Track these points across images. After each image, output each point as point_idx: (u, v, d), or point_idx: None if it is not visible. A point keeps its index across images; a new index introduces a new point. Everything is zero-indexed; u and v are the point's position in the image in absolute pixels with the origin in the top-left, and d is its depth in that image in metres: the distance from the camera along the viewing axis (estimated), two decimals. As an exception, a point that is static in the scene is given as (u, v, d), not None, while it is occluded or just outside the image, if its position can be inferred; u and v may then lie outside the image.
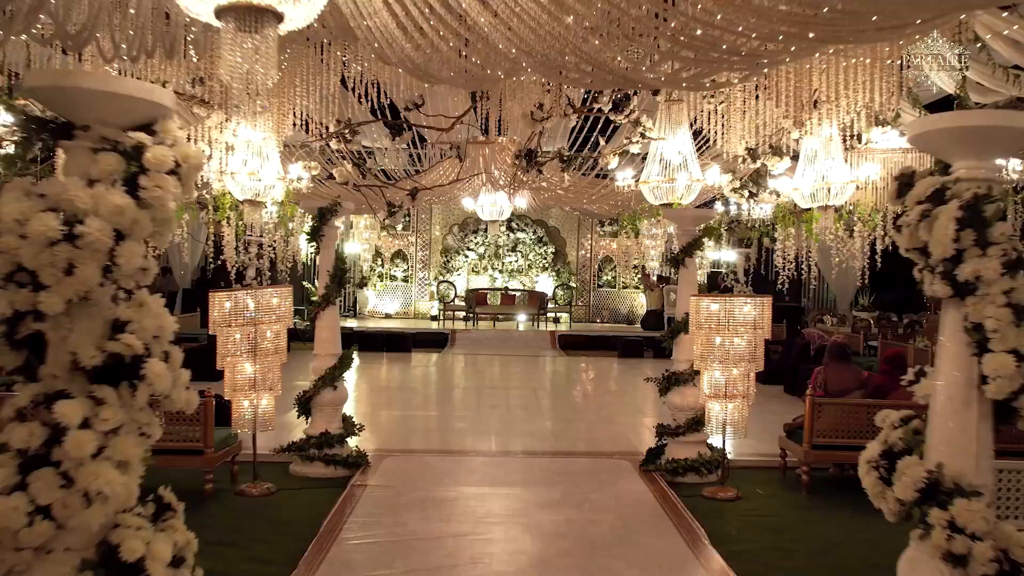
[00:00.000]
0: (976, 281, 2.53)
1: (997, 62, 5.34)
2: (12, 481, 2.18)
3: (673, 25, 3.49)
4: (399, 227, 18.81)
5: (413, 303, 19.12)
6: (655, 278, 16.83)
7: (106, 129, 2.32)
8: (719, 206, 9.97)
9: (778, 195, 7.63)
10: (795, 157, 6.58)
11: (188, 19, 3.83)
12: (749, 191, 7.91)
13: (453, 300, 18.30)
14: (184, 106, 6.42)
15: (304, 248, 14.01)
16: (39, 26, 3.86)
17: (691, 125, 7.10)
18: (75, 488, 2.20)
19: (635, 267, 17.38)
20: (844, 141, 6.30)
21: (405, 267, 19.30)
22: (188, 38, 4.31)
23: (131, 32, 3.81)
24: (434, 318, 18.31)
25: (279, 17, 2.51)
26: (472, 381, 12.01)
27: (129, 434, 2.33)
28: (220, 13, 2.47)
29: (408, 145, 10.96)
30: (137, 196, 2.29)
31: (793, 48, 3.78)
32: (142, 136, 2.34)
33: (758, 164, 7.19)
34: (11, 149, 7.44)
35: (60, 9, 3.42)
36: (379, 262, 18.91)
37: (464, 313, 17.81)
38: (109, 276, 2.27)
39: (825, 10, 3.10)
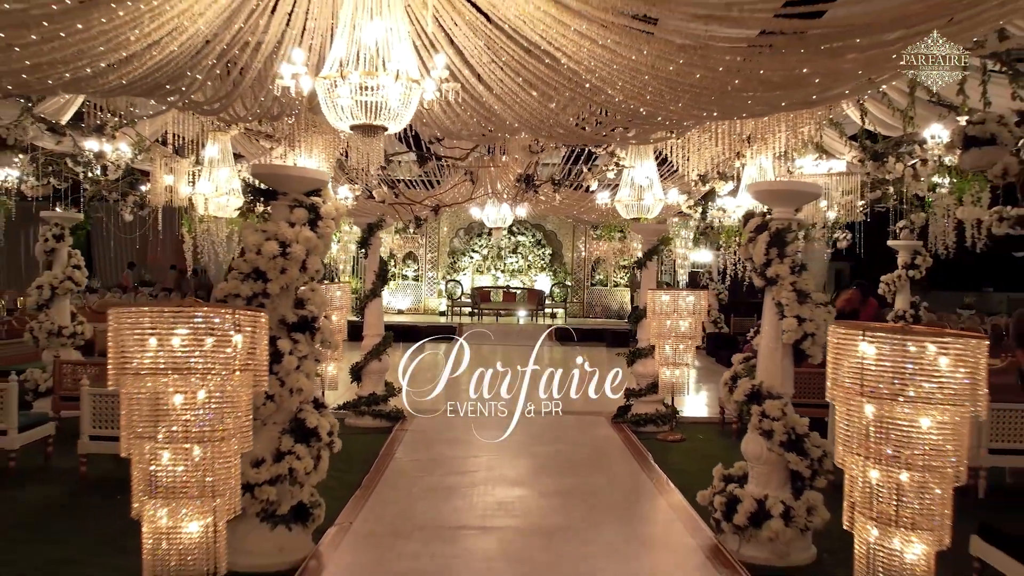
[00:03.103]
0: (777, 277, 4.50)
1: (895, 107, 7.26)
2: (253, 382, 4.13)
3: (623, 107, 5.48)
4: (411, 230, 20.74)
5: (423, 300, 21.06)
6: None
7: (296, 194, 4.28)
8: (697, 214, 11.94)
9: (724, 211, 9.60)
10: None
11: (300, 100, 5.74)
12: (707, 198, 9.91)
13: (460, 297, 20.25)
14: (253, 139, 8.39)
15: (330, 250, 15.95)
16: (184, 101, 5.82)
17: (657, 156, 9.06)
18: (286, 386, 4.16)
19: (623, 267, 19.37)
20: (784, 164, 8.14)
21: (415, 267, 21.24)
22: (295, 112, 6.27)
23: (258, 110, 5.78)
24: (442, 314, 20.25)
25: (385, 128, 4.46)
26: (479, 366, 13.97)
27: (310, 359, 4.30)
28: (352, 127, 4.41)
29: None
30: (316, 231, 4.25)
31: (705, 119, 5.79)
32: (316, 199, 4.30)
33: (708, 187, 9.20)
34: (117, 170, 9.38)
35: (208, 89, 5.36)
36: (392, 263, 20.84)
37: (470, 309, 19.75)
38: (302, 274, 4.23)
39: (705, 114, 5.09)
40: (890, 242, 10.17)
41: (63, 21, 3.57)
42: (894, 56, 3.73)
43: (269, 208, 4.31)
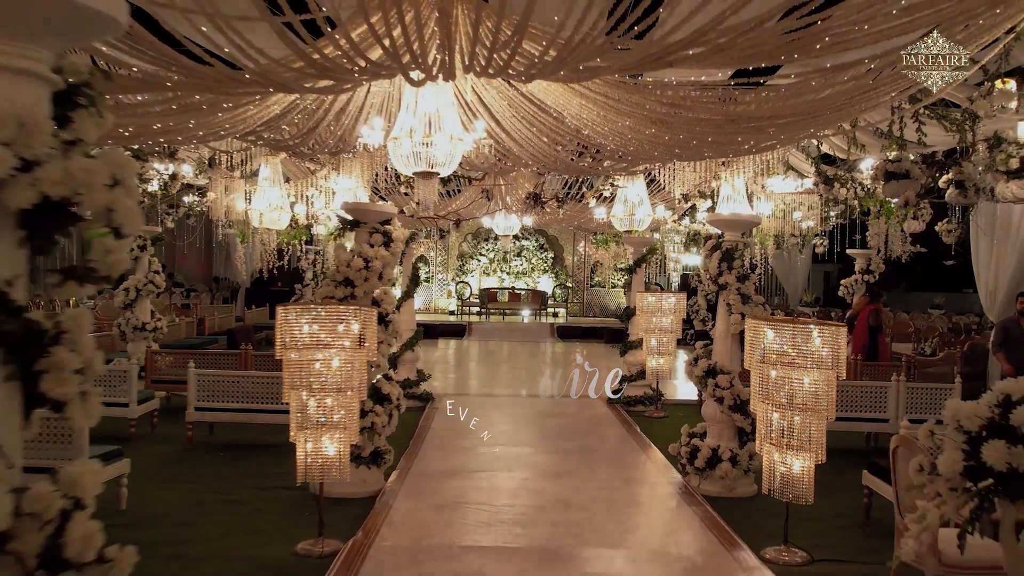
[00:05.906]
0: (726, 284, 6.09)
1: (848, 135, 8.79)
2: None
3: (614, 149, 7.05)
4: (422, 235, 22.32)
5: (434, 300, 22.64)
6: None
7: (374, 223, 5.87)
8: (686, 221, 13.53)
9: (704, 224, 11.18)
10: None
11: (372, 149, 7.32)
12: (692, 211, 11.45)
13: (468, 297, 21.84)
14: (299, 163, 9.95)
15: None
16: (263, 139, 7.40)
17: (646, 176, 10.61)
18: (368, 361, 5.73)
19: (619, 270, 20.96)
20: (756, 182, 9.68)
21: (427, 269, 22.82)
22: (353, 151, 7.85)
23: (327, 150, 7.36)
24: (452, 312, 21.83)
25: (439, 174, 6.04)
26: (488, 359, 15.58)
27: (384, 344, 5.88)
28: (414, 173, 6.00)
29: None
30: (388, 250, 5.84)
31: (677, 161, 7.37)
32: (389, 227, 5.89)
33: (690, 204, 10.79)
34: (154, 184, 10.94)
35: (285, 132, 6.93)
36: (405, 265, 22.41)
37: (478, 308, 21.33)
38: (379, 282, 5.81)
39: (675, 159, 6.68)
40: (848, 250, 11.75)
41: (225, 110, 5.16)
42: (802, 128, 5.33)
43: (350, 233, 5.91)
